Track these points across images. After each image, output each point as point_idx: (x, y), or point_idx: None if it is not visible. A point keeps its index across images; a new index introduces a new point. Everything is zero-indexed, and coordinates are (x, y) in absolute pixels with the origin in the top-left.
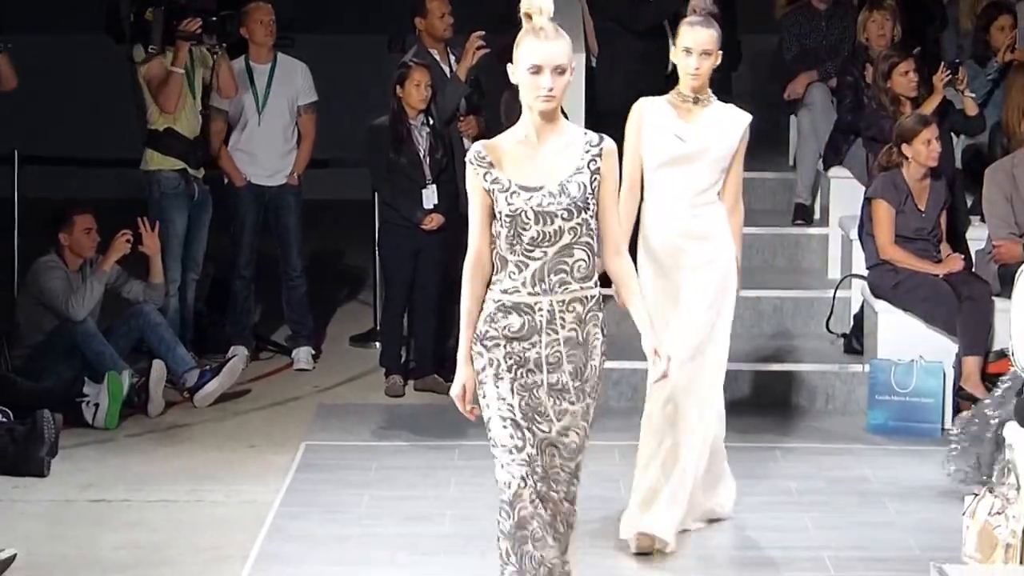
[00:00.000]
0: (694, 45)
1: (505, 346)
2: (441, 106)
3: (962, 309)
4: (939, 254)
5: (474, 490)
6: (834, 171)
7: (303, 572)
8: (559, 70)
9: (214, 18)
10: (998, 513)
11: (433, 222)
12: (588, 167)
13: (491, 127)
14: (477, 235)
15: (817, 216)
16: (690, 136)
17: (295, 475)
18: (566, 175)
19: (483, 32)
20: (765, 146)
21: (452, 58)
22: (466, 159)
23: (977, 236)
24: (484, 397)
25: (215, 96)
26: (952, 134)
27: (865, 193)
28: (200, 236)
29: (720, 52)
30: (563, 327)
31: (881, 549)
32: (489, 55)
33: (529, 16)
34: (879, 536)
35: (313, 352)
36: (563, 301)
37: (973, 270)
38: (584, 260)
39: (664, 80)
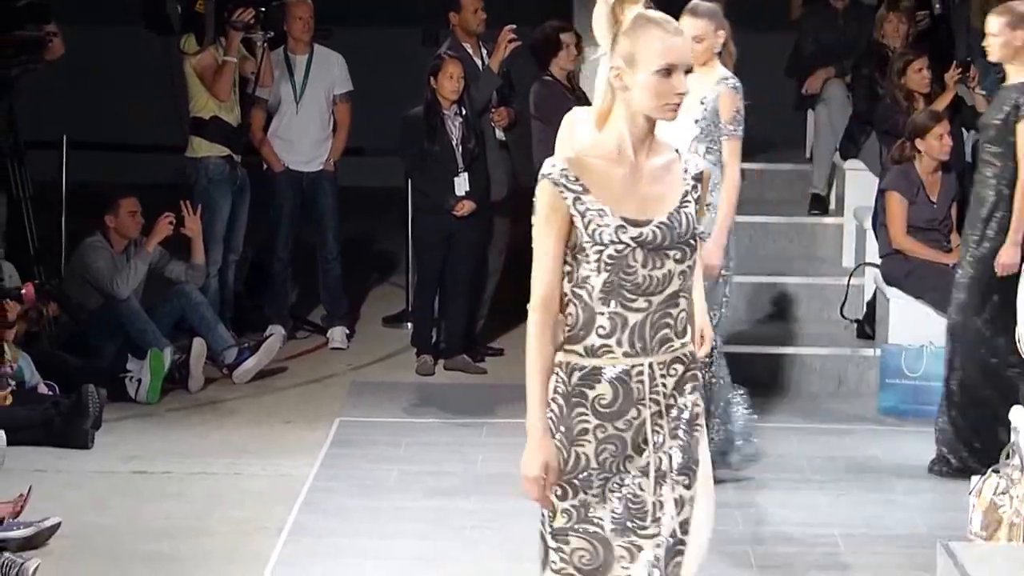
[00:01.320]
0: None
1: (595, 431)
2: (474, 97)
3: None
4: (949, 244)
5: (501, 466)
6: (849, 163)
7: (335, 544)
8: (688, 69)
9: (263, 9)
10: (1003, 493)
11: (464, 208)
12: (691, 195)
13: (520, 119)
14: (549, 273)
15: (832, 206)
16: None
17: (329, 450)
18: (673, 205)
19: (515, 26)
20: (783, 139)
21: (484, 51)
22: (544, 177)
23: None
24: (559, 497)
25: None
26: (963, 129)
27: (879, 185)
28: (241, 220)
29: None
30: (664, 395)
31: (890, 527)
32: (520, 48)
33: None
34: (888, 514)
35: (347, 332)
36: (664, 363)
37: None
38: (686, 311)
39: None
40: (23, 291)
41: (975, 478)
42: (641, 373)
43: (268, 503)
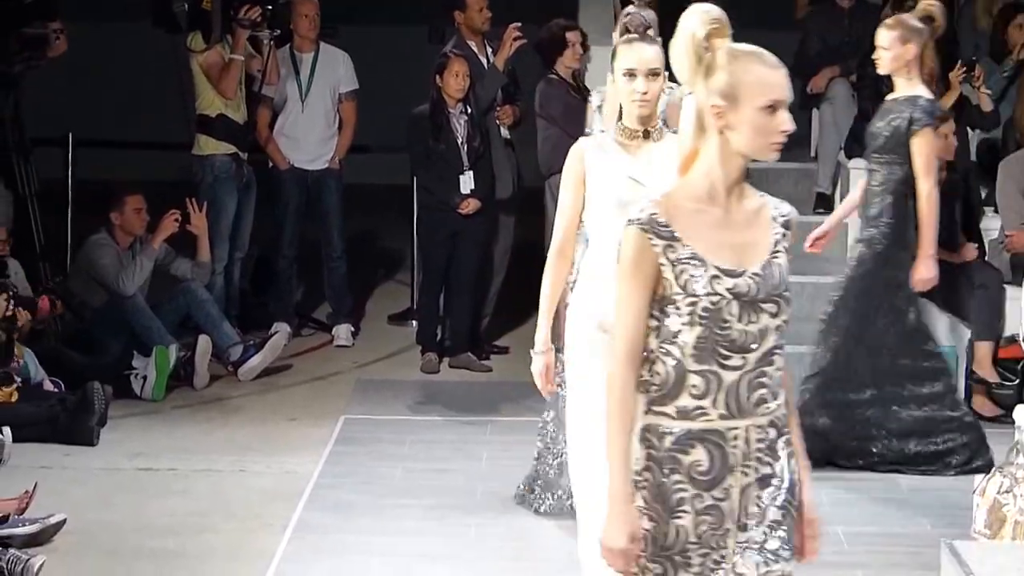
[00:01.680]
0: (639, 65)
1: (693, 501)
2: (479, 96)
3: (975, 296)
4: (955, 243)
5: (505, 464)
6: (854, 162)
7: (340, 540)
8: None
9: (270, 7)
10: (1007, 491)
11: (469, 206)
12: (782, 243)
13: (525, 117)
14: (634, 327)
15: (837, 205)
16: (647, 177)
17: (333, 447)
18: (765, 254)
19: (520, 24)
20: (788, 137)
21: (489, 50)
22: (633, 223)
23: (990, 226)
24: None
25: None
26: (968, 129)
27: None
28: (247, 217)
29: (665, 72)
30: (760, 462)
31: (894, 525)
32: (525, 46)
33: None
34: (892, 513)
35: (352, 329)
36: (760, 426)
37: (986, 259)
38: (781, 369)
39: None
40: (39, 302)
41: (979, 477)
42: (737, 437)
43: (273, 500)
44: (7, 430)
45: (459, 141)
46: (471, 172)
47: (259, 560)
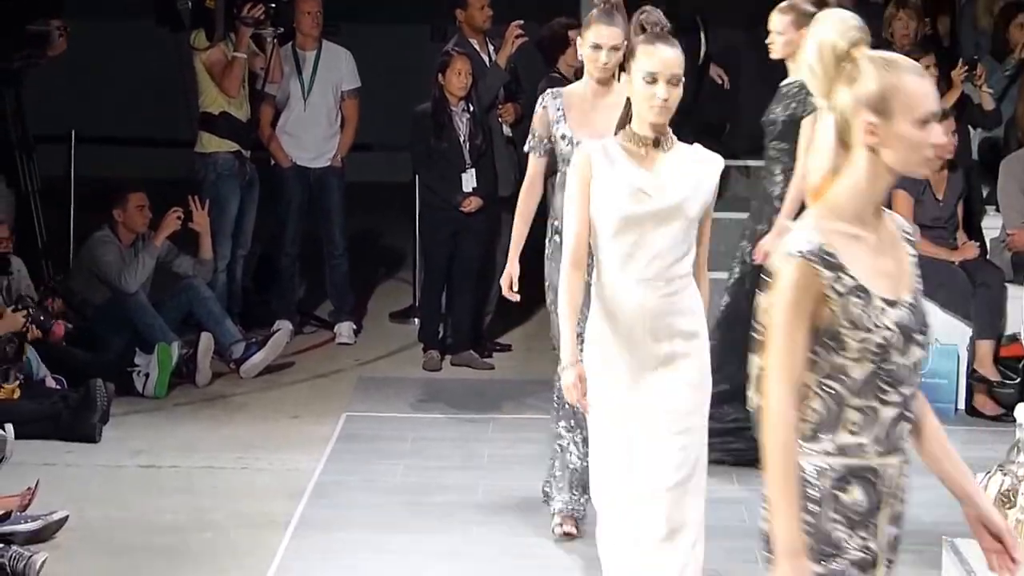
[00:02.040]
0: (661, 69)
1: (850, 542)
2: (481, 93)
3: (976, 295)
4: (955, 242)
5: (506, 462)
6: None
7: (342, 538)
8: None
9: (273, 5)
10: (1008, 490)
11: (472, 204)
12: (916, 268)
13: (527, 114)
14: (798, 366)
15: None
16: (657, 189)
17: (336, 445)
18: (912, 279)
19: (521, 21)
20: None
21: (491, 48)
22: (797, 255)
23: (991, 225)
24: None
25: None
26: (969, 127)
27: None
28: (249, 215)
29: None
30: (900, 498)
31: None
32: (527, 44)
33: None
34: None
35: (354, 327)
36: (905, 461)
37: (987, 257)
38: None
39: (696, 71)
40: (54, 327)
41: (980, 475)
42: (889, 475)
43: (275, 497)
44: (9, 427)
45: (461, 139)
46: (473, 170)
47: (261, 557)
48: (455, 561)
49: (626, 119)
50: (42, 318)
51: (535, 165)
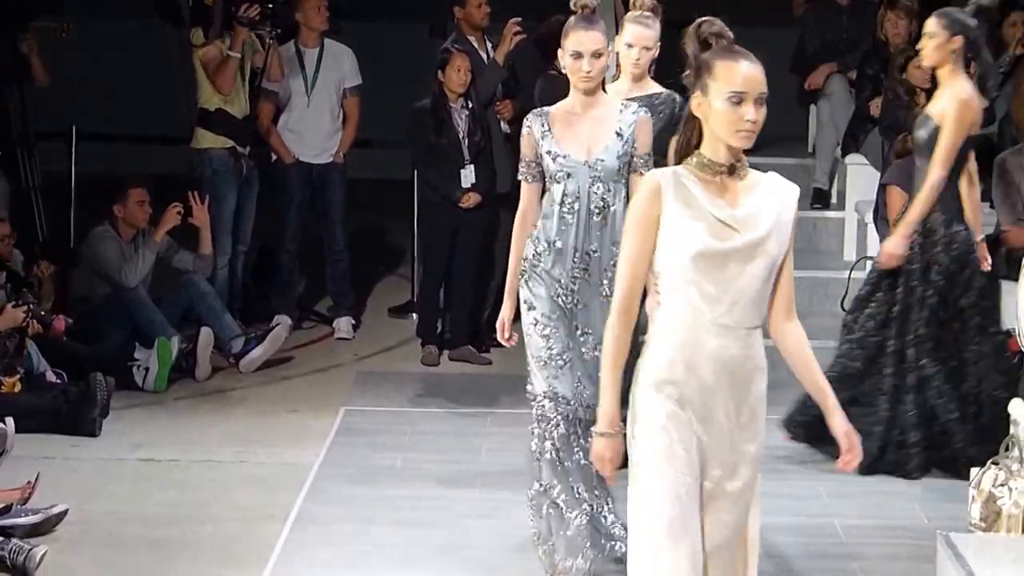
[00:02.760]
0: (749, 88)
1: None
2: (480, 90)
3: None
4: None
5: (504, 456)
6: (851, 158)
7: (340, 531)
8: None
9: (271, 5)
10: (1002, 485)
11: (471, 200)
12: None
13: (525, 110)
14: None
15: (834, 200)
16: (741, 223)
17: (334, 438)
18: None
19: (519, 19)
20: (785, 133)
21: (489, 45)
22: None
23: (986, 222)
24: None
25: (265, 79)
26: None
27: (880, 179)
28: (248, 211)
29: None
30: None
31: (890, 517)
32: (525, 41)
33: None
34: (889, 505)
35: (353, 322)
36: None
37: None
38: None
39: None
40: (54, 323)
41: (975, 470)
42: None
43: (274, 491)
44: (10, 420)
45: (460, 135)
46: (472, 166)
47: (260, 550)
48: (453, 554)
49: (691, 143)
50: (43, 313)
51: (527, 193)
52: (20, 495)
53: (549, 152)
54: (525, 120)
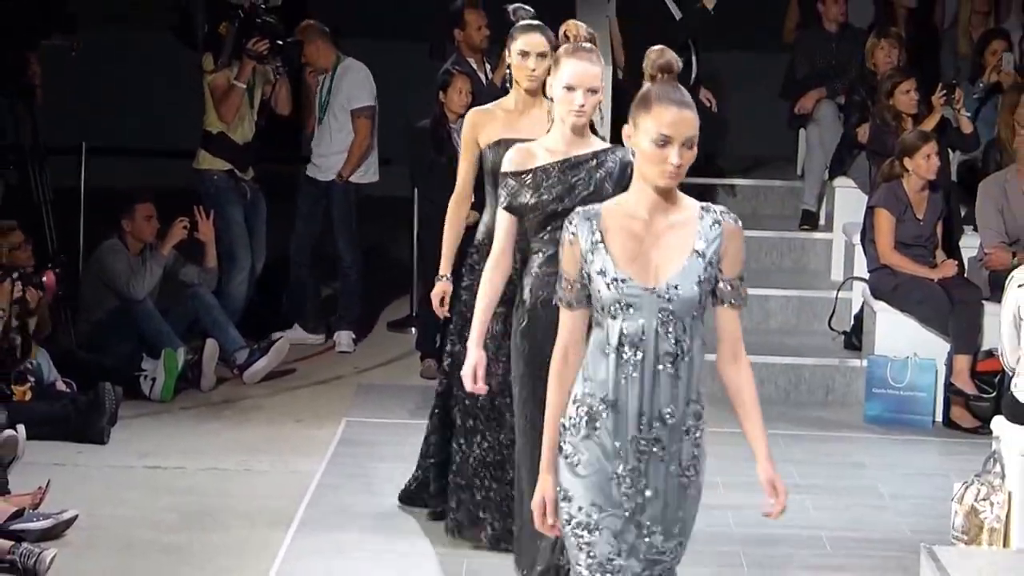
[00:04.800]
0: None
1: None
2: None
3: (954, 311)
4: (935, 260)
5: None
6: (839, 181)
7: (342, 538)
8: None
9: (280, 42)
10: (984, 499)
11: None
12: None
13: None
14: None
15: (822, 222)
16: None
17: (336, 448)
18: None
19: None
20: (776, 156)
21: (488, 67)
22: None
23: (970, 244)
24: None
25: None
26: (949, 150)
27: (868, 202)
28: (259, 231)
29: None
30: None
31: (875, 530)
32: None
33: None
34: (873, 518)
35: (353, 336)
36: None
37: (965, 275)
38: None
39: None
40: (44, 279)
41: (957, 485)
42: None
43: (277, 499)
44: (21, 428)
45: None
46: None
47: (264, 556)
48: (451, 562)
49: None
50: (32, 277)
51: (571, 323)
52: (31, 500)
53: (602, 272)
54: (569, 222)
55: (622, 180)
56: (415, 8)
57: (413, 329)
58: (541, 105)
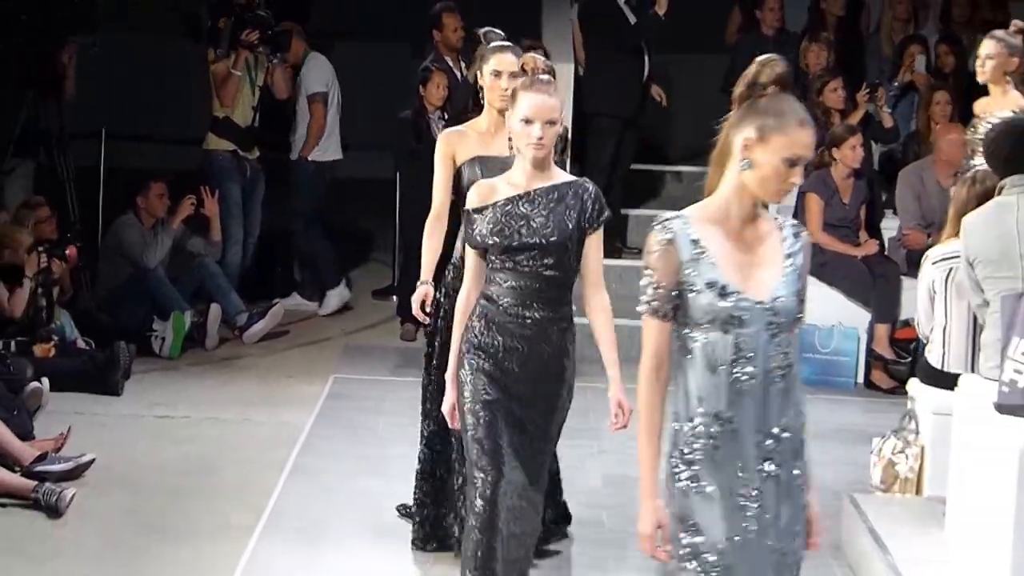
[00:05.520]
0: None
1: None
2: (454, 103)
3: (876, 285)
4: (858, 240)
5: None
6: None
7: (329, 481)
8: None
9: (269, 32)
10: (900, 452)
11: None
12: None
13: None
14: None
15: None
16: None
17: (325, 402)
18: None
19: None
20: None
21: (462, 63)
22: None
23: (890, 226)
24: None
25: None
26: (872, 142)
27: (799, 188)
28: (254, 207)
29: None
30: None
31: None
32: None
33: None
34: None
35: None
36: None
37: (886, 253)
38: None
39: (640, 89)
40: (68, 252)
41: (876, 439)
42: None
43: (272, 446)
44: (45, 380)
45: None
46: None
47: (260, 497)
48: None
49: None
50: (56, 250)
51: (660, 335)
52: (53, 445)
53: (712, 284)
54: (662, 228)
55: (585, 212)
56: (399, 12)
57: (394, 297)
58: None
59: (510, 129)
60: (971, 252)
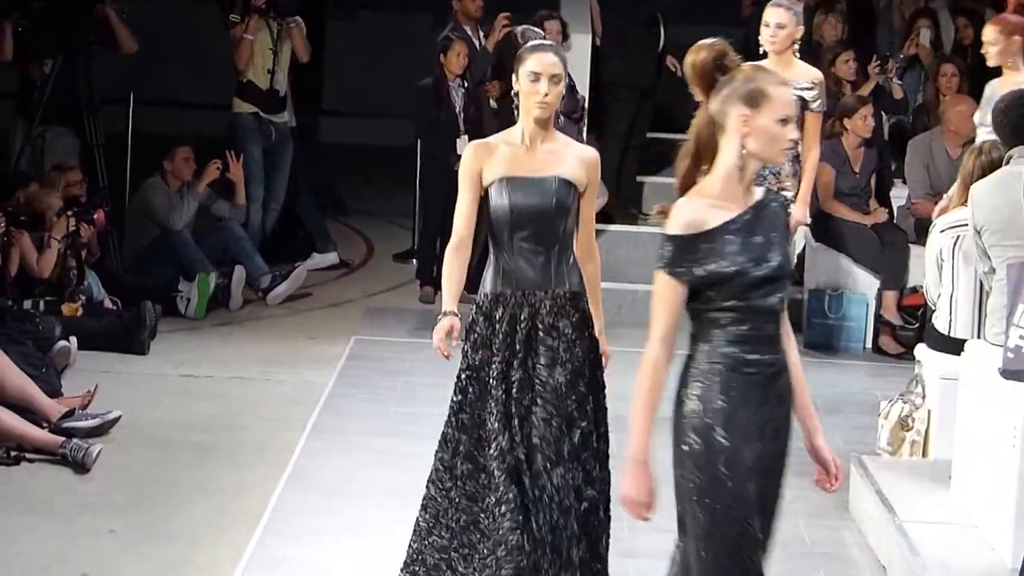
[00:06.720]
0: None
1: None
2: (474, 72)
3: (884, 252)
4: (868, 208)
5: None
6: None
7: (348, 440)
8: None
9: None
10: (907, 416)
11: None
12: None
13: (510, 91)
14: None
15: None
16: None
17: (345, 363)
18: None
19: (509, 13)
20: None
21: (481, 33)
22: None
23: (899, 195)
24: None
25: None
26: (882, 112)
27: None
28: (279, 171)
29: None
30: None
31: None
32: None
33: None
34: None
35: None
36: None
37: (894, 222)
38: None
39: (656, 60)
40: (96, 216)
41: (884, 403)
42: None
43: (294, 405)
44: (73, 340)
45: (456, 110)
46: (465, 136)
47: (282, 454)
48: None
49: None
50: (85, 214)
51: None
52: (81, 402)
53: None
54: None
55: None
56: None
57: (414, 260)
58: (553, 139)
59: (516, 87)
60: (978, 220)
